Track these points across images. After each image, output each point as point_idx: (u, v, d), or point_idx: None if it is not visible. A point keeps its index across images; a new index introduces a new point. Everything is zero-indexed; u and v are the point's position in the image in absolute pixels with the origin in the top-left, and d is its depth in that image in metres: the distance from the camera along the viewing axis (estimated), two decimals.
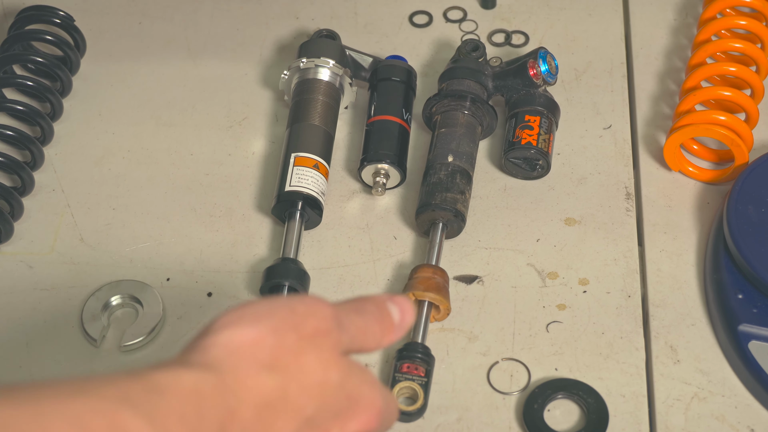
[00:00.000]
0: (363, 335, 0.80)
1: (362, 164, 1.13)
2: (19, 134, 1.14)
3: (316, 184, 1.10)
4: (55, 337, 1.05)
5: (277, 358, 0.74)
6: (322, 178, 1.11)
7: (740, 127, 1.11)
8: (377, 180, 1.13)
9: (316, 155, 1.12)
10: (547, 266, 1.09)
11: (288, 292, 1.04)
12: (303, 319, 0.76)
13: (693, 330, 1.04)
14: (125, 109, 1.22)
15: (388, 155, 1.13)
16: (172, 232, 1.12)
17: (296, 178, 1.10)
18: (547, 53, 1.15)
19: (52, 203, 1.14)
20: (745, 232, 1.04)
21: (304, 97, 1.16)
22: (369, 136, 1.15)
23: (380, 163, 1.12)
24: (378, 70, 1.19)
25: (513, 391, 1.01)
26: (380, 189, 1.12)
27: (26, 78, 1.18)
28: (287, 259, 1.06)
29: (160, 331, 1.05)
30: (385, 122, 1.15)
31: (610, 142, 1.18)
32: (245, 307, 0.76)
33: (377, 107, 1.16)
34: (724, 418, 0.99)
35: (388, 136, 1.14)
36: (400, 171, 1.13)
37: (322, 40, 1.20)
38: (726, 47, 1.17)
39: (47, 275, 1.09)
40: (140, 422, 0.67)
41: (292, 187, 1.10)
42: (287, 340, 0.74)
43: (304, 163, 1.11)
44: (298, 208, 1.09)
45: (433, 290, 1.03)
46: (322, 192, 1.11)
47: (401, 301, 0.83)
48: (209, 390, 0.71)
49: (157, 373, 0.70)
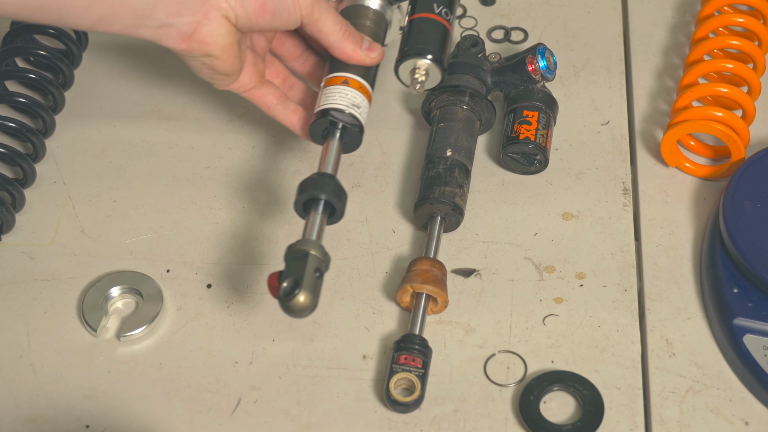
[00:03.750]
0: (330, 23, 1.05)
1: (401, 59, 1.09)
2: (21, 126, 1.15)
3: (345, 98, 1.06)
4: (55, 328, 1.05)
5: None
6: (355, 92, 1.07)
7: (737, 123, 1.11)
8: (416, 77, 1.08)
9: (347, 73, 1.08)
10: (545, 260, 1.09)
11: (324, 207, 1.01)
12: None
13: (688, 324, 1.05)
14: (126, 102, 1.22)
15: (430, 51, 1.08)
16: (172, 224, 1.13)
17: (324, 97, 1.07)
18: (545, 49, 1.16)
19: (54, 195, 1.15)
20: (741, 228, 1.05)
21: (352, 22, 1.11)
22: (410, 31, 1.10)
23: (421, 58, 1.08)
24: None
25: (509, 383, 1.02)
26: (418, 86, 1.09)
27: (28, 71, 1.19)
28: (324, 173, 1.03)
29: (160, 322, 1.06)
30: (428, 20, 1.11)
31: (607, 137, 1.19)
32: None
33: (420, 4, 1.11)
34: (719, 411, 1.00)
35: (430, 32, 1.10)
36: (440, 69, 1.09)
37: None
38: (723, 44, 1.18)
39: (48, 266, 1.10)
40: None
41: (320, 107, 1.07)
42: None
43: (332, 82, 1.08)
44: (327, 126, 1.06)
45: (431, 283, 1.04)
46: (354, 104, 1.06)
47: (375, 43, 1.09)
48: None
49: None
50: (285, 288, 0.95)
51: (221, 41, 1.02)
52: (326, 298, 1.07)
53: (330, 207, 1.01)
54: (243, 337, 1.05)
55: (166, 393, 1.01)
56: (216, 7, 1.00)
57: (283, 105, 1.11)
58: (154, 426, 1.00)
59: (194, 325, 1.06)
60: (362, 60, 1.08)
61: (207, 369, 1.03)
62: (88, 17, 0.97)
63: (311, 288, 0.95)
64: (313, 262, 0.96)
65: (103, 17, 0.97)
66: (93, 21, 0.97)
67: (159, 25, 1.00)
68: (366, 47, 1.08)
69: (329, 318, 1.06)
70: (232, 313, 1.06)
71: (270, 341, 1.05)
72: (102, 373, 1.03)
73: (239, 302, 1.07)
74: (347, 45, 1.07)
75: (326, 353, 1.04)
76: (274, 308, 1.06)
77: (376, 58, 1.09)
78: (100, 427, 1.00)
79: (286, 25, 1.05)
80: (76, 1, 0.95)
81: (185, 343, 1.05)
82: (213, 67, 1.04)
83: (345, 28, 1.07)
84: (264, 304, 1.07)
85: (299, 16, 1.04)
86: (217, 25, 1.01)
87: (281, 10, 1.03)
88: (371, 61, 1.08)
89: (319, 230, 1.00)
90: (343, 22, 1.07)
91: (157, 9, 0.98)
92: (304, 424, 1.00)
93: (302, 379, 1.02)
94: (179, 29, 1.00)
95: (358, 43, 1.08)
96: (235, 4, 1.00)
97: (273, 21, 1.03)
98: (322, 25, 1.06)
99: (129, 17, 0.98)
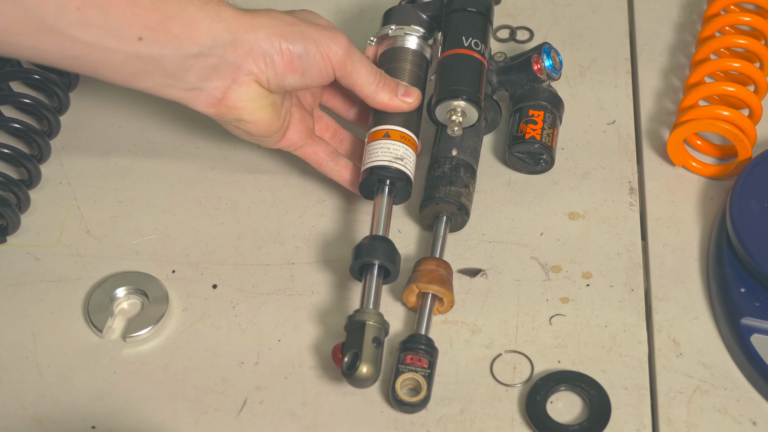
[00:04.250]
0: (363, 74, 1.06)
1: (435, 103, 1.09)
2: (26, 127, 1.15)
3: (387, 152, 1.07)
4: (61, 329, 1.05)
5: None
6: (398, 144, 1.07)
7: (744, 122, 1.11)
8: (452, 119, 1.08)
9: (387, 125, 1.09)
10: (551, 260, 1.09)
11: (378, 271, 1.02)
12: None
13: (695, 323, 1.05)
14: (131, 103, 1.22)
15: (464, 91, 1.09)
16: (177, 224, 1.13)
17: (368, 154, 1.08)
18: (551, 48, 1.16)
19: (59, 196, 1.15)
20: (748, 227, 1.04)
21: (391, 66, 1.12)
22: (441, 71, 1.11)
23: (455, 99, 1.09)
24: (448, 2, 1.14)
25: (516, 383, 1.02)
26: (456, 128, 1.08)
27: (33, 71, 1.19)
28: (376, 237, 1.04)
29: (166, 323, 1.06)
30: (458, 56, 1.11)
31: (613, 137, 1.18)
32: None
33: (449, 41, 1.12)
34: (726, 411, 0.99)
35: (461, 69, 1.10)
36: (476, 107, 1.09)
37: (406, 7, 1.16)
38: (730, 43, 1.17)
39: (53, 267, 1.10)
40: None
41: (365, 165, 1.08)
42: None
43: (374, 137, 1.09)
44: (375, 183, 1.07)
45: (437, 283, 1.04)
46: (397, 158, 1.07)
47: (411, 87, 1.09)
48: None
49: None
50: (346, 362, 0.98)
51: (251, 105, 1.03)
52: (333, 297, 1.07)
53: (384, 269, 1.03)
54: (249, 337, 1.05)
55: (172, 394, 1.01)
56: (246, 72, 1.02)
57: (334, 162, 1.12)
58: (160, 427, 1.00)
59: (200, 325, 1.06)
60: (399, 107, 1.09)
61: (213, 370, 1.03)
62: (121, 73, 1.00)
63: (371, 359, 0.97)
64: (371, 332, 0.99)
65: (135, 74, 1.00)
66: (126, 76, 1.00)
67: (189, 88, 1.02)
68: (402, 93, 1.08)
69: (335, 318, 1.06)
70: (237, 314, 1.06)
71: (276, 341, 1.04)
72: (108, 374, 1.03)
73: (245, 303, 1.07)
74: (383, 95, 1.08)
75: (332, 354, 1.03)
76: (280, 308, 1.06)
77: (414, 103, 1.09)
78: (105, 428, 1.00)
79: (318, 82, 1.05)
80: (111, 56, 0.98)
81: (191, 343, 1.04)
82: (247, 130, 1.06)
83: (379, 77, 1.08)
84: (269, 304, 1.07)
85: (331, 72, 1.05)
86: (247, 89, 1.02)
87: (310, 68, 1.04)
88: (408, 107, 1.09)
89: (375, 296, 1.01)
90: (377, 71, 1.08)
91: (189, 72, 1.01)
92: (311, 425, 1.00)
93: (308, 380, 1.02)
94: (209, 93, 1.02)
95: (393, 90, 1.08)
96: (265, 67, 1.02)
97: (303, 79, 1.04)
98: (356, 77, 1.06)
99: (161, 77, 1.00)
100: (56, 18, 0.94)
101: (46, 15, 0.94)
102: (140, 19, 0.97)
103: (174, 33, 0.98)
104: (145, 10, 0.97)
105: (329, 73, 1.05)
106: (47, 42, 0.95)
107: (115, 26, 0.96)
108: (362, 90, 1.08)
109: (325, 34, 1.04)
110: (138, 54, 0.98)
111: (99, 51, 0.97)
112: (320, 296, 1.07)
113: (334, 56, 1.04)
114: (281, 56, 1.02)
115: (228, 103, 1.03)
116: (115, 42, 0.97)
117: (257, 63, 1.02)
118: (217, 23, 1.00)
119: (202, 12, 1.00)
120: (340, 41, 1.05)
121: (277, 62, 1.02)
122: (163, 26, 0.98)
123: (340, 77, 1.06)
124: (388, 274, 1.04)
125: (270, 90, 1.04)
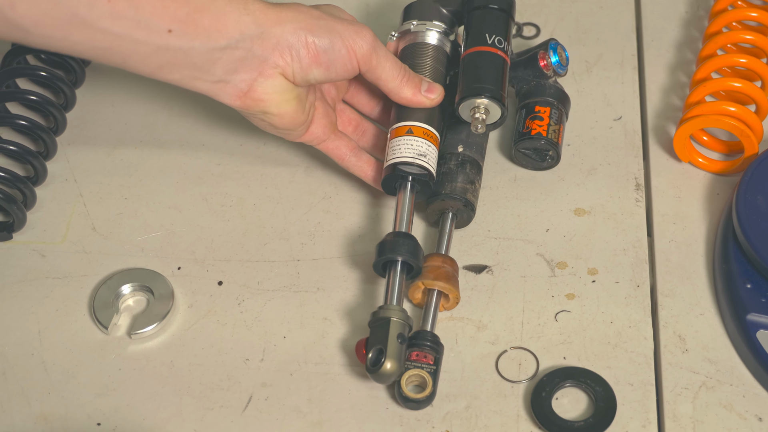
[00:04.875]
0: (388, 69, 1.06)
1: (459, 101, 1.09)
2: (32, 124, 1.15)
3: (410, 149, 1.07)
4: (66, 325, 1.06)
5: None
6: (420, 141, 1.07)
7: (750, 118, 1.11)
8: (476, 116, 1.08)
9: (410, 121, 1.09)
10: (557, 256, 1.09)
11: (402, 267, 1.03)
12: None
13: (701, 320, 1.05)
14: (137, 100, 1.22)
15: (487, 89, 1.09)
16: (183, 221, 1.13)
17: (391, 151, 1.08)
18: (557, 44, 1.16)
19: (65, 193, 1.15)
20: (754, 223, 1.04)
21: (412, 62, 1.12)
22: (464, 68, 1.11)
23: (478, 97, 1.09)
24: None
25: (521, 379, 1.02)
26: (479, 126, 1.08)
27: (40, 68, 1.19)
28: (399, 233, 1.04)
29: (171, 320, 1.06)
30: (482, 53, 1.11)
31: (620, 133, 1.18)
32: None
33: (471, 38, 1.12)
34: (732, 407, 0.99)
35: (484, 67, 1.10)
36: (500, 105, 1.09)
37: (427, 2, 1.15)
38: (737, 39, 1.17)
39: (59, 264, 1.10)
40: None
41: (388, 161, 1.08)
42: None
43: (397, 133, 1.09)
44: (398, 180, 1.07)
45: (443, 279, 1.03)
46: (420, 154, 1.07)
47: (434, 84, 1.09)
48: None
49: None
50: (371, 358, 0.98)
51: (276, 98, 1.04)
52: (338, 293, 1.07)
53: (407, 265, 1.03)
54: (254, 334, 1.05)
55: (177, 390, 1.01)
56: (272, 65, 1.02)
57: (356, 157, 1.12)
58: (166, 423, 1.00)
59: (205, 322, 1.06)
60: (422, 103, 1.09)
61: (218, 366, 1.03)
62: (149, 64, 1.00)
63: (395, 355, 0.98)
64: (395, 329, 0.99)
65: (163, 66, 1.01)
66: (154, 68, 1.01)
67: (216, 80, 1.02)
68: (425, 89, 1.09)
69: (340, 314, 1.06)
70: (243, 310, 1.06)
71: (281, 338, 1.04)
72: (113, 371, 1.03)
73: (250, 299, 1.07)
74: (407, 90, 1.08)
75: (338, 350, 1.03)
76: (286, 305, 1.06)
77: (436, 99, 1.09)
78: (111, 425, 1.00)
79: (343, 76, 1.06)
80: (140, 48, 0.98)
81: (196, 340, 1.05)
82: (272, 123, 1.07)
83: (403, 72, 1.08)
84: (275, 300, 1.07)
85: (356, 66, 1.05)
86: (273, 82, 1.03)
87: (335, 61, 1.04)
88: (431, 103, 1.09)
89: (399, 292, 1.02)
90: (401, 66, 1.08)
91: (216, 65, 1.01)
92: (316, 422, 1.00)
93: (314, 376, 1.02)
94: (235, 86, 1.03)
95: (417, 86, 1.09)
96: (291, 60, 1.02)
97: (328, 73, 1.05)
98: (381, 72, 1.07)
99: (188, 69, 1.01)
100: (88, 10, 0.95)
101: (77, 7, 0.95)
102: (170, 12, 0.98)
103: (203, 25, 0.99)
104: (174, 2, 0.98)
105: (354, 67, 1.05)
106: (78, 34, 0.96)
107: (145, 18, 0.97)
108: (386, 85, 1.08)
109: (351, 29, 1.05)
110: (167, 46, 0.99)
111: (128, 43, 0.98)
112: (325, 293, 1.07)
113: (360, 50, 1.05)
114: (307, 50, 1.03)
115: (254, 95, 1.04)
116: (145, 34, 0.98)
117: (283, 56, 1.02)
118: (245, 16, 1.01)
119: (231, 5, 1.00)
120: (366, 35, 1.05)
121: (303, 55, 1.03)
122: (192, 18, 0.99)
123: (365, 71, 1.06)
124: (411, 270, 1.04)
125: (295, 83, 1.04)
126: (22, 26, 0.95)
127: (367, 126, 1.15)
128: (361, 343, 1.00)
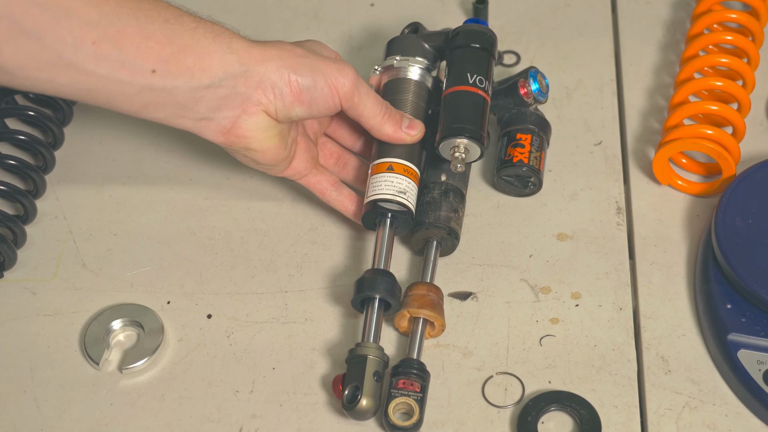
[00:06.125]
0: (370, 106, 1.08)
1: (438, 140, 1.10)
2: (21, 163, 1.16)
3: (390, 186, 1.09)
4: (58, 362, 1.07)
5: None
6: (401, 178, 1.09)
7: (727, 140, 1.12)
8: (455, 155, 1.09)
9: (391, 157, 1.10)
10: (540, 281, 1.10)
11: (379, 304, 1.05)
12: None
13: (683, 340, 1.06)
14: (125, 136, 1.24)
15: (466, 129, 1.10)
16: (172, 255, 1.14)
17: (371, 187, 1.10)
18: (537, 72, 1.17)
19: (55, 230, 1.16)
20: (733, 243, 1.05)
21: (393, 97, 1.14)
22: (445, 107, 1.12)
23: (458, 137, 1.10)
24: (453, 37, 1.15)
25: (507, 404, 1.03)
26: (459, 165, 1.10)
27: (28, 108, 1.21)
28: (377, 270, 1.06)
29: (162, 354, 1.07)
30: (462, 93, 1.12)
31: (600, 157, 1.20)
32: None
33: (453, 76, 1.13)
34: (715, 427, 1.00)
35: (465, 107, 1.11)
36: (479, 145, 1.10)
37: (411, 37, 1.17)
38: (713, 62, 1.19)
39: (50, 301, 1.11)
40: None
41: (368, 197, 1.10)
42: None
43: (378, 169, 1.10)
44: (377, 216, 1.09)
45: (428, 307, 1.05)
46: (400, 191, 1.08)
47: (415, 120, 1.11)
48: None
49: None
50: (347, 395, 1.00)
51: (259, 135, 1.05)
52: (325, 323, 1.08)
53: (385, 302, 1.05)
54: (243, 366, 1.06)
55: (169, 424, 1.03)
56: (255, 103, 1.04)
57: (337, 191, 1.14)
58: None
59: (195, 355, 1.07)
60: (403, 139, 1.10)
61: (208, 399, 1.04)
62: (134, 104, 1.02)
63: (371, 393, 1.00)
64: (371, 366, 1.01)
65: (147, 105, 1.02)
66: (138, 107, 1.02)
67: (200, 118, 1.04)
68: (406, 126, 1.10)
69: (328, 344, 1.07)
70: (232, 343, 1.07)
71: (270, 369, 1.06)
72: (105, 406, 1.04)
73: (239, 331, 1.08)
74: (388, 127, 1.10)
75: (326, 380, 1.05)
76: (274, 336, 1.07)
77: (417, 135, 1.11)
78: None
79: (325, 113, 1.07)
80: (124, 88, 1.00)
81: (186, 373, 1.06)
82: (255, 159, 1.08)
83: (385, 109, 1.10)
84: (264, 332, 1.08)
85: (338, 104, 1.07)
86: (256, 119, 1.04)
87: (317, 99, 1.05)
88: (412, 139, 1.11)
89: (376, 329, 1.04)
90: (383, 103, 1.10)
91: (200, 103, 1.03)
92: None
93: (303, 407, 1.03)
94: (218, 123, 1.04)
95: (398, 123, 1.10)
96: (274, 98, 1.04)
97: (311, 110, 1.06)
98: (362, 109, 1.08)
99: (172, 108, 1.03)
100: (73, 53, 0.96)
101: (63, 50, 0.96)
102: (154, 52, 0.99)
103: (187, 65, 1.01)
104: (158, 43, 0.99)
105: (336, 104, 1.07)
106: (63, 76, 0.98)
107: (129, 59, 0.98)
108: (368, 121, 1.09)
109: (333, 67, 1.06)
110: (151, 86, 1.00)
111: (113, 83, 0.99)
112: (313, 323, 1.09)
113: (342, 88, 1.06)
114: (290, 88, 1.04)
115: (237, 132, 1.05)
116: (129, 74, 0.99)
117: (266, 94, 1.04)
118: (229, 55, 1.02)
119: (215, 44, 1.02)
120: (348, 73, 1.06)
121: (286, 93, 1.04)
122: (176, 58, 1.00)
123: (347, 108, 1.08)
124: (389, 307, 1.06)
125: (278, 120, 1.06)
126: (7, 69, 0.96)
127: (349, 158, 1.17)
128: (338, 379, 1.01)
